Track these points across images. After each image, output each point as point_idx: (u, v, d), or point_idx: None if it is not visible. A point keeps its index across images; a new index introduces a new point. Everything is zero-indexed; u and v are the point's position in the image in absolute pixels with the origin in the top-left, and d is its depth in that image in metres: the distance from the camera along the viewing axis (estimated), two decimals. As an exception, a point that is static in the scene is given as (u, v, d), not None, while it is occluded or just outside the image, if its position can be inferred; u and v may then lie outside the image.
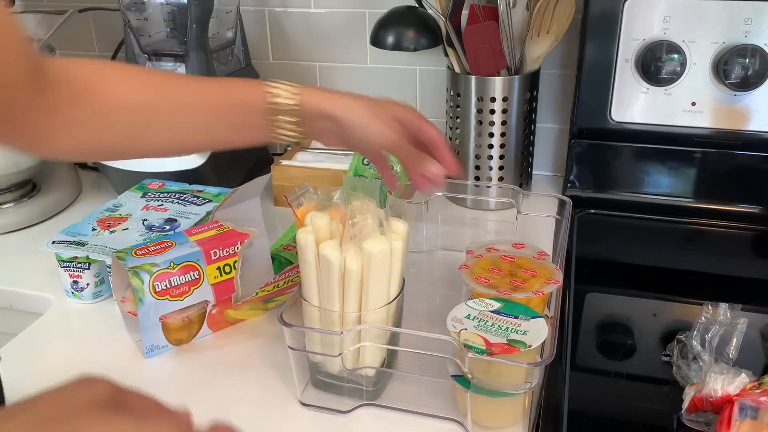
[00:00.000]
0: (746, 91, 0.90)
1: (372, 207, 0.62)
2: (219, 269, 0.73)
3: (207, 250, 0.72)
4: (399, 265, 0.62)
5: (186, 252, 0.72)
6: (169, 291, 0.70)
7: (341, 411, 0.65)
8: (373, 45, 0.97)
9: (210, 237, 0.74)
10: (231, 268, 0.74)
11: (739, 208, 0.96)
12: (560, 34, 0.93)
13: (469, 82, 0.96)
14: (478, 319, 0.61)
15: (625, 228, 0.97)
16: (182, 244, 0.73)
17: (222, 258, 0.73)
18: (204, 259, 0.72)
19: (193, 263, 0.71)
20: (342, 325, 0.62)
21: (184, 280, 0.71)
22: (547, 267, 0.69)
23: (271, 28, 1.18)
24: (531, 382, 0.59)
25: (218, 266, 0.73)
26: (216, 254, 0.73)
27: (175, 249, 0.72)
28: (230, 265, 0.73)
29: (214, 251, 0.73)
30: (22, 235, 1.00)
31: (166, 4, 1.03)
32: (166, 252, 0.72)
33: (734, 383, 0.56)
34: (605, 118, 0.97)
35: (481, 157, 1.00)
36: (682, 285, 0.84)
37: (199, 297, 0.73)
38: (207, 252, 0.72)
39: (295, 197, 0.67)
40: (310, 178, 0.97)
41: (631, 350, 0.71)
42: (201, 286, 0.72)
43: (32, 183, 1.06)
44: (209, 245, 0.73)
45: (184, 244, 0.73)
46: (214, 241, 0.73)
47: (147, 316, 0.70)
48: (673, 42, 0.91)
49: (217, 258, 0.73)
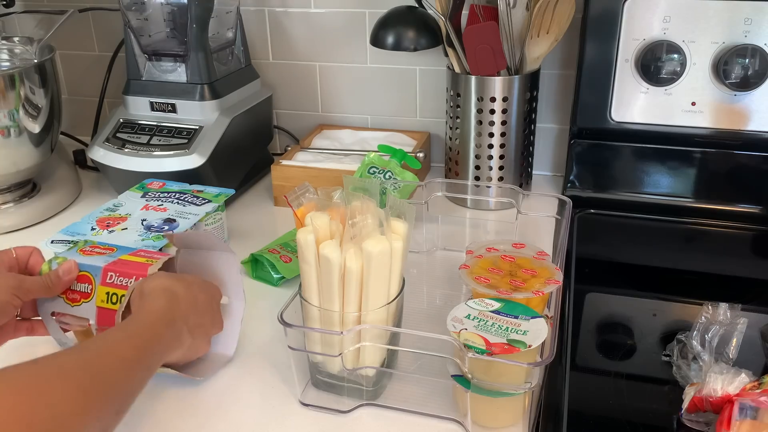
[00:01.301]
0: (746, 91, 0.90)
1: (372, 207, 0.62)
2: (108, 294, 0.67)
3: (106, 269, 0.68)
4: (399, 265, 0.62)
5: (94, 263, 0.68)
6: (67, 292, 0.68)
7: (341, 411, 0.65)
8: (373, 45, 0.97)
9: (124, 261, 0.69)
10: (117, 300, 0.66)
11: (739, 208, 0.96)
12: (560, 34, 0.93)
13: (469, 82, 0.96)
14: (478, 319, 0.61)
15: (625, 228, 0.97)
16: (111, 255, 0.70)
17: (114, 285, 0.67)
18: (100, 277, 0.67)
19: (90, 276, 0.68)
20: (342, 325, 0.62)
21: (79, 288, 0.68)
22: (547, 267, 0.69)
23: (271, 28, 1.18)
24: (531, 382, 0.59)
25: (107, 291, 0.67)
26: (111, 278, 0.67)
27: (100, 257, 0.70)
28: (117, 296, 0.66)
29: (110, 274, 0.67)
30: (22, 235, 1.00)
31: (166, 4, 1.03)
32: (93, 256, 0.69)
33: (734, 383, 0.56)
34: (605, 118, 0.97)
35: (481, 157, 1.00)
36: (682, 285, 0.84)
37: (85, 312, 0.68)
38: (105, 271, 0.67)
39: (295, 197, 0.67)
40: (310, 178, 0.97)
41: (631, 350, 0.71)
42: (89, 302, 0.67)
43: (32, 183, 1.06)
44: (111, 266, 0.68)
45: (111, 255, 0.70)
46: (121, 264, 0.68)
47: (43, 305, 0.69)
48: (673, 42, 0.91)
49: (110, 282, 0.67)
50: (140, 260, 0.69)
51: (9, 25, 1.21)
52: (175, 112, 1.03)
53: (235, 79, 1.08)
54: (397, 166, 0.95)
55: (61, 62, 1.32)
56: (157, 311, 0.61)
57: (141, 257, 0.70)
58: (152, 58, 1.05)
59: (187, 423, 0.64)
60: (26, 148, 0.99)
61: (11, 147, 0.97)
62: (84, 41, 1.29)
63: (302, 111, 1.23)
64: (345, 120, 1.21)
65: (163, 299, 0.62)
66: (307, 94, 1.21)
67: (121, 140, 1.02)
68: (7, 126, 0.95)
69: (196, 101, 1.01)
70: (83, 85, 1.33)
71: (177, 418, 0.65)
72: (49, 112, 1.00)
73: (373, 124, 1.20)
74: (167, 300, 0.62)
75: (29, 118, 0.97)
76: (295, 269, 0.84)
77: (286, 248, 0.88)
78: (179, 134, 1.00)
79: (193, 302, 0.65)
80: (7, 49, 1.07)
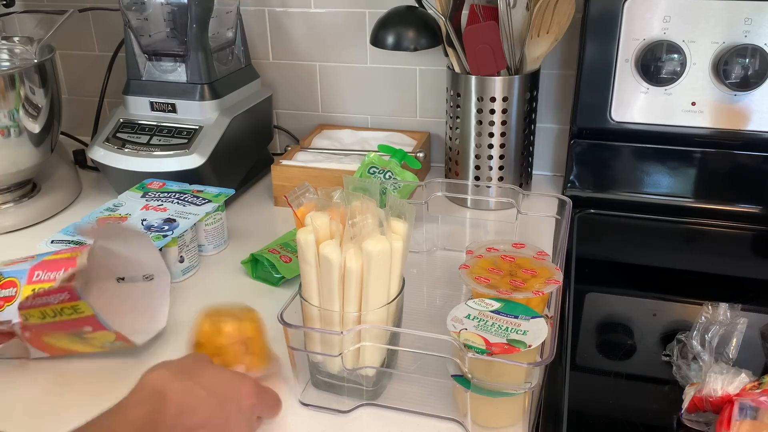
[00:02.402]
0: (746, 91, 0.90)
1: (372, 207, 0.62)
2: (33, 291, 0.66)
3: (33, 269, 0.67)
4: (399, 265, 0.62)
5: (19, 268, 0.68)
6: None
7: (341, 411, 0.65)
8: (373, 45, 0.97)
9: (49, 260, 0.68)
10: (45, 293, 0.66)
11: (739, 208, 0.96)
12: (560, 34, 0.93)
13: (469, 82, 0.96)
14: (478, 319, 0.61)
15: (625, 228, 0.97)
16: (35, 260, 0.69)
17: (40, 281, 0.67)
18: (26, 278, 0.67)
19: (15, 280, 0.67)
20: (342, 325, 0.62)
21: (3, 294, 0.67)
22: (547, 267, 0.69)
23: (271, 28, 1.18)
24: (531, 382, 0.59)
25: (33, 288, 0.67)
26: (37, 276, 0.67)
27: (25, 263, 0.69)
28: (44, 288, 0.66)
29: (36, 272, 0.67)
30: (22, 235, 1.00)
31: (166, 4, 1.03)
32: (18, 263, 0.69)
33: (734, 383, 0.56)
34: (605, 118, 0.97)
35: (481, 157, 1.00)
36: (682, 285, 0.84)
37: (8, 315, 0.67)
38: (32, 271, 0.67)
39: (295, 197, 0.67)
40: (310, 178, 0.97)
41: (631, 350, 0.71)
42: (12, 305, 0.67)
43: (32, 183, 1.06)
44: (37, 266, 0.67)
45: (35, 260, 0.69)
46: (47, 263, 0.68)
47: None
48: (673, 42, 0.91)
49: (37, 279, 0.67)
50: (65, 255, 0.68)
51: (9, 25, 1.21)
52: (175, 112, 1.03)
53: (235, 79, 1.08)
54: (397, 166, 0.95)
55: (61, 62, 1.32)
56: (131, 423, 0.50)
57: (65, 253, 0.69)
58: (152, 58, 1.05)
59: (187, 423, 0.64)
60: (26, 148, 0.99)
61: (11, 147, 0.97)
62: (84, 41, 1.29)
63: (302, 111, 1.23)
64: (345, 120, 1.21)
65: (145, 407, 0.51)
66: (307, 94, 1.21)
67: (121, 140, 1.02)
68: (7, 126, 0.95)
69: (196, 101, 1.01)
70: (83, 85, 1.33)
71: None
72: (49, 112, 1.00)
73: (373, 124, 1.20)
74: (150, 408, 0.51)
75: (29, 118, 0.97)
76: (295, 269, 0.84)
77: (286, 248, 0.88)
78: (179, 134, 1.00)
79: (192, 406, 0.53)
80: (7, 49, 1.07)
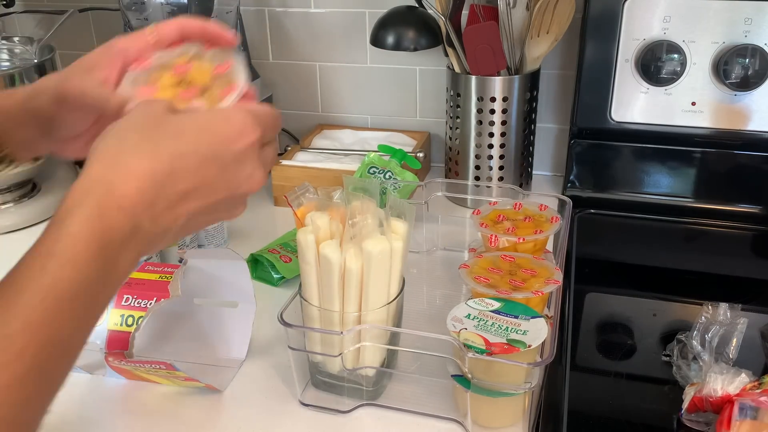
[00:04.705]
0: (746, 91, 0.90)
1: (372, 207, 0.62)
2: (122, 317, 0.65)
3: (121, 292, 0.65)
4: (399, 265, 0.62)
5: None
6: None
7: (341, 411, 0.65)
8: (373, 45, 0.97)
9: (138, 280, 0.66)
10: (134, 322, 0.65)
11: (739, 208, 0.96)
12: (560, 34, 0.93)
13: (469, 82, 0.96)
14: (478, 319, 0.61)
15: (625, 228, 0.97)
16: None
17: (131, 307, 0.66)
18: (114, 301, 0.65)
19: None
20: (342, 325, 0.62)
21: None
22: (546, 267, 0.69)
23: (271, 28, 1.18)
24: (531, 382, 0.59)
25: (122, 314, 0.65)
26: (126, 300, 0.66)
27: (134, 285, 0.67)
28: (134, 318, 0.65)
29: (126, 296, 0.65)
30: (22, 235, 1.00)
31: (166, 4, 1.03)
32: None
33: (734, 383, 0.56)
34: (605, 118, 0.97)
35: (481, 157, 1.00)
36: (682, 285, 0.84)
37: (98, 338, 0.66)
38: (120, 294, 0.65)
39: (295, 197, 0.67)
40: (310, 178, 0.97)
41: (631, 350, 0.71)
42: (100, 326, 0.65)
43: (32, 183, 1.06)
44: (126, 288, 0.65)
45: None
46: (136, 285, 0.66)
47: None
48: (673, 42, 0.90)
49: (126, 305, 0.66)
50: (153, 276, 0.67)
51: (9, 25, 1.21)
52: (175, 112, 1.02)
53: (235, 79, 1.08)
54: (397, 166, 0.95)
55: (61, 62, 1.32)
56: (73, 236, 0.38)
57: (151, 272, 0.67)
58: (152, 58, 1.05)
59: (187, 423, 0.64)
60: (26, 148, 0.99)
61: (11, 147, 0.97)
62: (84, 41, 1.29)
63: (302, 111, 1.23)
64: (345, 120, 1.21)
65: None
66: (307, 94, 1.21)
67: (121, 140, 1.02)
68: (7, 126, 0.95)
69: (196, 101, 1.01)
70: (83, 85, 1.33)
71: (177, 417, 0.65)
72: (49, 112, 1.00)
73: (373, 124, 1.20)
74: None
75: (29, 118, 0.97)
76: (295, 269, 0.84)
77: (286, 248, 0.88)
78: (179, 134, 1.00)
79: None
80: (7, 49, 1.07)
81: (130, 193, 0.39)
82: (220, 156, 0.44)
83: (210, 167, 0.43)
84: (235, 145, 0.44)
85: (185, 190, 0.42)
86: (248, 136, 0.45)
